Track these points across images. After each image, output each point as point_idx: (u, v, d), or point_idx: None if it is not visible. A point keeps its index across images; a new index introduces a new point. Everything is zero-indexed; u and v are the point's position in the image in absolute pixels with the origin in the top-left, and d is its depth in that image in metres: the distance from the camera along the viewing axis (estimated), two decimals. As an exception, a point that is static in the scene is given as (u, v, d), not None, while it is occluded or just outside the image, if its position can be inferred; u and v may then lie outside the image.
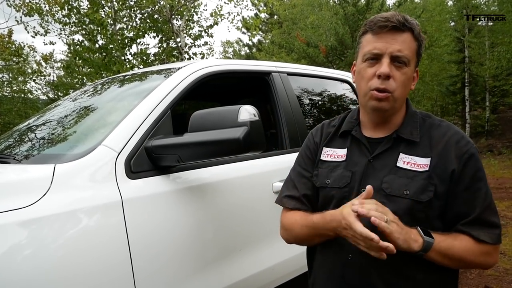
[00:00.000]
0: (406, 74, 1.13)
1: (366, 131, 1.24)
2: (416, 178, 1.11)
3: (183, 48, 10.06)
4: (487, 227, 1.11)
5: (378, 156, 1.18)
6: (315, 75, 2.69)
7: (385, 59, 1.11)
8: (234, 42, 29.83)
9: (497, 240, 1.12)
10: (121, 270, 1.34)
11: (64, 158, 1.45)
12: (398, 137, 1.17)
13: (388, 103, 1.13)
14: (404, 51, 1.11)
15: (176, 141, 1.48)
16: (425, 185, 1.10)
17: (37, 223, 1.18)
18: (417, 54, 1.17)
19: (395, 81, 1.12)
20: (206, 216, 1.67)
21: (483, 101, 16.91)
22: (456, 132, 1.17)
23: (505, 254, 3.93)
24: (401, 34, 1.12)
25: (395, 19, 1.10)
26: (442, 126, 1.18)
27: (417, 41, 1.15)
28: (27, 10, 9.54)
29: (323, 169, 1.27)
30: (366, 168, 1.18)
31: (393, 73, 1.11)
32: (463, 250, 1.10)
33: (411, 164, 1.13)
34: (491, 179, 8.82)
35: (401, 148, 1.16)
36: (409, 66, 1.13)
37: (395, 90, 1.12)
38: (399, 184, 1.11)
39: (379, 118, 1.20)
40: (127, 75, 2.35)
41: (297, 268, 2.06)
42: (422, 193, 1.09)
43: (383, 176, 1.14)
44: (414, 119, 1.21)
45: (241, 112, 1.41)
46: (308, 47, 13.01)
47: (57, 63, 18.95)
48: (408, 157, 1.14)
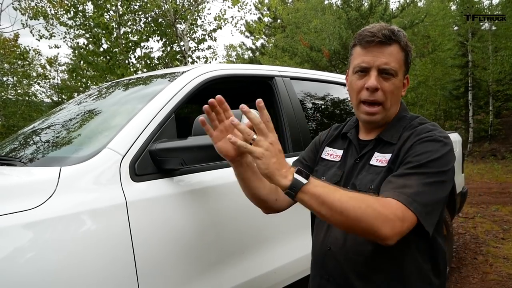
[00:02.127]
0: (395, 84, 1.18)
1: (361, 134, 1.31)
2: (381, 173, 1.15)
3: (186, 52, 10.11)
4: (401, 188, 1.03)
5: (362, 157, 1.25)
6: (318, 79, 2.70)
7: (373, 72, 1.16)
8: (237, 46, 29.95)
9: (405, 201, 1.00)
10: (125, 272, 1.36)
11: (69, 160, 1.47)
12: (379, 139, 1.23)
13: (379, 115, 1.20)
14: (390, 64, 1.15)
15: (180, 144, 1.50)
16: (385, 178, 1.13)
17: (43, 225, 1.19)
18: (405, 63, 1.20)
19: (384, 92, 1.17)
20: (209, 219, 1.68)
21: (486, 105, 16.84)
22: (424, 127, 1.17)
23: (508, 259, 3.92)
24: (387, 47, 1.15)
25: (381, 33, 1.14)
26: (417, 126, 1.20)
27: (404, 51, 1.18)
28: (32, 13, 9.62)
29: (322, 167, 1.36)
30: (351, 168, 1.25)
31: (381, 85, 1.16)
32: (353, 199, 0.98)
33: (381, 161, 1.18)
34: (494, 184, 8.80)
35: (378, 148, 1.22)
36: (397, 76, 1.18)
37: (385, 100, 1.18)
38: (367, 180, 1.17)
39: (372, 126, 1.27)
40: (131, 79, 2.38)
41: (299, 271, 2.07)
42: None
43: (359, 174, 1.21)
44: (400, 123, 1.23)
45: (245, 116, 1.42)
46: (311, 51, 13.05)
47: (62, 66, 19.06)
48: (381, 155, 1.19)
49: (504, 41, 14.05)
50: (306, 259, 1.40)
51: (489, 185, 8.64)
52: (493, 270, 3.65)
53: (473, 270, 3.70)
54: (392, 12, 11.96)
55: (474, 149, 15.35)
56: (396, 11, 12.06)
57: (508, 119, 17.31)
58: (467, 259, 4.02)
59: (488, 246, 4.37)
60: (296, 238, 2.02)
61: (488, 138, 15.95)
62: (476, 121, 16.75)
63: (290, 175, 1.01)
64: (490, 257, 4.00)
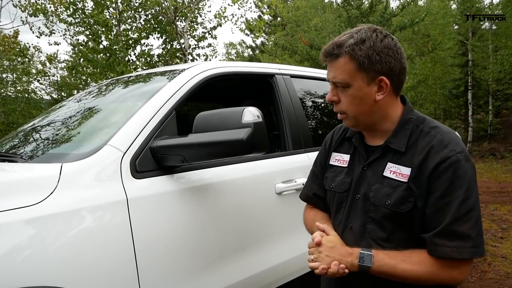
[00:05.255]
0: (351, 94, 1.17)
1: (367, 138, 1.29)
2: (398, 189, 1.13)
3: (186, 49, 10.10)
4: (457, 239, 1.05)
5: (370, 164, 1.23)
6: (318, 78, 2.71)
7: (331, 86, 1.22)
8: (237, 43, 29.91)
9: (466, 255, 1.05)
10: (126, 268, 1.37)
11: (70, 157, 1.47)
12: (386, 146, 1.20)
13: (349, 121, 1.23)
14: (338, 76, 1.17)
15: (180, 141, 1.50)
16: (405, 196, 1.12)
17: (45, 221, 1.20)
18: (362, 70, 1.14)
19: (343, 103, 1.20)
20: (210, 216, 1.69)
21: (486, 104, 16.85)
22: (440, 140, 1.13)
23: (506, 258, 3.93)
24: (335, 60, 1.17)
25: (324, 51, 1.18)
26: (429, 134, 1.16)
27: (353, 60, 1.14)
28: (32, 10, 9.60)
29: (331, 173, 1.36)
30: (360, 176, 1.24)
31: (339, 96, 1.20)
32: (412, 269, 1.09)
33: (396, 174, 1.15)
34: (493, 183, 8.81)
35: (389, 157, 1.19)
36: (351, 86, 1.16)
37: (346, 110, 1.20)
38: (382, 194, 1.16)
39: (364, 130, 1.27)
40: (131, 77, 2.38)
41: (299, 268, 2.08)
42: (402, 204, 1.12)
43: (372, 185, 1.19)
44: (407, 126, 1.20)
45: (245, 113, 1.43)
46: (311, 49, 13.05)
47: (61, 63, 19.04)
48: (395, 166, 1.16)
49: (504, 40, 14.04)
50: (306, 257, 1.41)
51: (488, 185, 8.65)
52: (491, 269, 3.67)
53: (471, 269, 3.71)
54: (392, 10, 11.96)
55: (473, 148, 15.37)
56: (397, 10, 12.05)
57: (507, 119, 17.33)
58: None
59: (487, 245, 4.38)
60: (296, 235, 2.03)
61: (488, 138, 15.97)
62: (476, 121, 16.75)
63: (356, 261, 1.12)
64: (488, 256, 4.01)
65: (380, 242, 1.16)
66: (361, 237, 1.19)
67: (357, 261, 1.12)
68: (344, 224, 1.26)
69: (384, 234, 1.15)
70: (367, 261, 1.11)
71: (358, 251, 1.13)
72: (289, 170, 2.12)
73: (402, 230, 1.14)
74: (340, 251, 1.15)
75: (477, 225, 1.06)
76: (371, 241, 1.17)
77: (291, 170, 2.12)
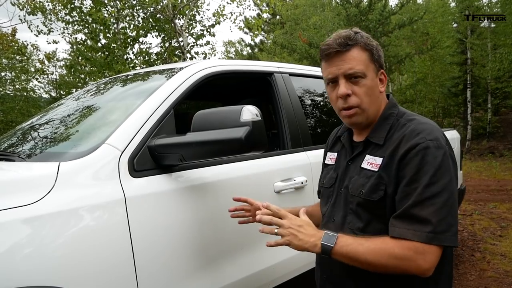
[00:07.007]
0: (366, 85, 1.18)
1: (355, 135, 1.34)
2: (371, 178, 1.16)
3: (185, 47, 10.07)
4: (416, 223, 1.04)
5: (353, 159, 1.27)
6: (317, 76, 2.70)
7: (341, 81, 1.19)
8: (236, 42, 29.86)
9: (422, 238, 1.03)
10: (124, 267, 1.36)
11: (68, 156, 1.47)
12: (367, 141, 1.24)
13: (359, 116, 1.21)
14: (355, 67, 1.17)
15: (178, 140, 1.49)
16: (376, 185, 1.15)
17: (42, 220, 1.19)
18: (372, 61, 1.20)
19: (356, 95, 1.19)
20: (208, 214, 1.68)
21: (485, 103, 16.83)
22: (413, 130, 1.14)
23: (505, 256, 3.93)
24: (347, 53, 1.17)
25: (336, 43, 1.17)
26: (405, 126, 1.18)
27: (366, 50, 1.19)
28: (30, 8, 9.57)
29: (324, 172, 1.45)
30: (344, 170, 1.29)
31: (352, 90, 1.18)
32: (374, 253, 1.06)
33: (372, 165, 1.19)
34: (492, 181, 8.82)
35: (369, 150, 1.22)
36: (366, 77, 1.18)
37: (360, 103, 1.19)
38: (358, 184, 1.20)
39: (360, 128, 1.28)
40: (129, 75, 2.37)
41: (298, 267, 2.07)
42: (373, 192, 1.15)
43: (352, 177, 1.24)
44: (387, 121, 1.23)
45: (244, 112, 1.42)
46: (310, 48, 13.02)
47: (60, 62, 18.99)
48: (371, 158, 1.20)
49: (503, 39, 14.02)
50: (305, 256, 1.40)
51: (487, 183, 8.66)
52: (490, 267, 3.67)
53: (470, 267, 3.72)
54: (391, 8, 11.92)
55: (472, 146, 15.36)
56: (396, 8, 12.00)
57: (506, 117, 17.33)
58: (465, 256, 4.03)
59: (486, 243, 4.39)
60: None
61: (487, 136, 15.96)
62: (475, 119, 16.75)
63: (318, 241, 1.12)
64: (487, 254, 4.02)
65: (357, 232, 1.18)
66: (341, 228, 1.23)
67: (320, 241, 1.11)
68: (328, 217, 1.31)
69: (361, 224, 1.18)
70: (330, 241, 1.10)
71: (323, 232, 1.14)
72: (288, 169, 2.11)
73: (377, 219, 1.16)
74: (306, 230, 1.15)
75: (441, 211, 1.04)
76: (349, 231, 1.19)
77: (290, 169, 2.12)
